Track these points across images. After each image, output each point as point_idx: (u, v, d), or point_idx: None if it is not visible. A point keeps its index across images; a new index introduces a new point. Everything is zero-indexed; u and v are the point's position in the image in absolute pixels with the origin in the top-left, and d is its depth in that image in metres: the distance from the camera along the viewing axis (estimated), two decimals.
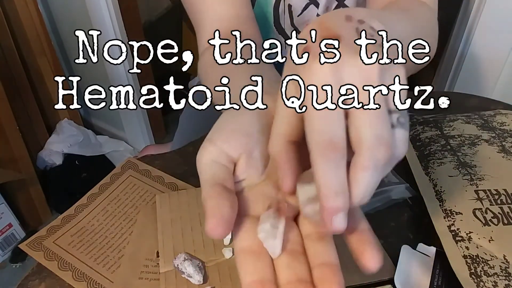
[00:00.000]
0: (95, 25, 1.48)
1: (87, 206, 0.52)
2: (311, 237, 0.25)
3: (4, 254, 1.41)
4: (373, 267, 0.22)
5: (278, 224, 0.24)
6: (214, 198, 0.24)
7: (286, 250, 0.24)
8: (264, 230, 0.24)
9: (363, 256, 0.23)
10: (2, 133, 1.33)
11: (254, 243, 0.24)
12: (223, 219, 0.23)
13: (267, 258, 0.24)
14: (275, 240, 0.24)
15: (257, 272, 0.23)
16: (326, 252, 0.24)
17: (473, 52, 1.12)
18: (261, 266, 0.24)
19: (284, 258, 0.24)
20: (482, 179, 0.47)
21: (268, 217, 0.25)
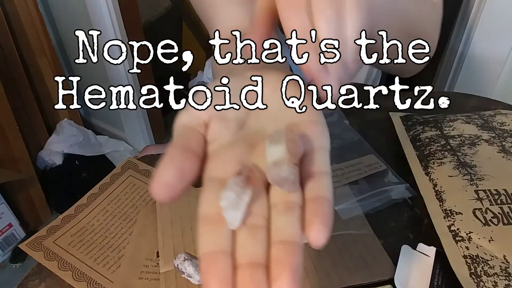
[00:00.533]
0: (95, 25, 1.48)
1: (87, 206, 0.52)
2: (277, 208, 0.24)
3: (4, 254, 1.41)
4: (316, 243, 0.21)
5: (243, 195, 0.23)
6: (164, 161, 0.23)
7: (246, 225, 0.23)
8: (227, 199, 0.22)
9: (310, 229, 0.22)
10: (2, 133, 1.33)
11: (215, 211, 0.23)
12: (166, 183, 0.22)
13: (226, 228, 0.23)
14: (236, 212, 0.22)
15: (213, 244, 0.22)
16: (288, 228, 0.22)
17: (473, 52, 1.12)
18: (216, 237, 0.22)
19: (242, 233, 0.23)
20: (482, 179, 0.47)
21: (235, 184, 0.23)
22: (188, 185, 0.23)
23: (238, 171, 0.24)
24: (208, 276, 0.21)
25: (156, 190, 0.22)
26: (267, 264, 0.21)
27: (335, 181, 0.51)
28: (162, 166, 0.23)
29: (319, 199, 0.23)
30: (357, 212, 0.48)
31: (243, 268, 0.21)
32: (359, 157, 0.54)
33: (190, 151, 0.24)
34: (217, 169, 0.25)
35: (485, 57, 1.11)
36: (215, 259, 0.21)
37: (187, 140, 0.25)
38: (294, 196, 0.24)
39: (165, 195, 0.22)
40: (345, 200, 0.49)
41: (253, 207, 0.23)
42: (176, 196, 0.23)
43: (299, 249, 0.22)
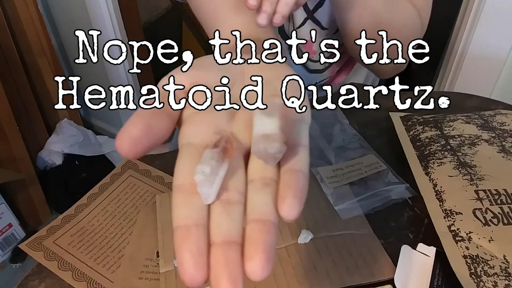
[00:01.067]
0: (95, 25, 1.48)
1: (87, 206, 0.52)
2: (254, 184, 0.23)
3: (4, 254, 1.41)
4: (287, 217, 0.21)
5: (219, 169, 0.22)
6: (132, 117, 0.23)
7: (221, 200, 0.22)
8: (202, 173, 0.21)
9: (282, 202, 0.21)
10: (2, 133, 1.33)
11: (189, 182, 0.22)
12: (130, 137, 0.22)
13: (201, 200, 0.22)
14: (211, 187, 0.22)
15: (187, 216, 0.21)
16: (264, 206, 0.22)
17: (473, 52, 1.12)
18: (191, 210, 0.22)
19: (216, 209, 0.22)
20: (482, 179, 0.47)
21: (211, 158, 0.22)
22: (155, 143, 0.23)
23: (215, 143, 0.23)
24: (182, 250, 0.20)
25: (120, 143, 0.22)
26: (242, 241, 0.21)
27: (335, 181, 0.51)
28: (129, 120, 0.22)
29: (294, 171, 0.23)
30: (357, 212, 0.48)
31: (217, 246, 0.21)
32: (359, 157, 0.54)
33: (161, 110, 0.24)
34: (193, 134, 0.25)
35: (485, 57, 1.11)
36: (189, 233, 0.21)
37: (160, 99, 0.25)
38: (272, 171, 0.23)
39: (130, 149, 0.22)
40: (345, 200, 0.49)
41: (229, 181, 0.23)
42: (140, 151, 0.22)
43: (274, 228, 0.21)
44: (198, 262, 0.20)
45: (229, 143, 0.23)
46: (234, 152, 0.23)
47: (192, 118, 0.26)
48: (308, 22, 0.62)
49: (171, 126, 0.24)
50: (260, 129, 0.23)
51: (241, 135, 0.25)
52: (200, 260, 0.20)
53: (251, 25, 0.50)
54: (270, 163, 0.23)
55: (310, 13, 0.61)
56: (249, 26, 0.50)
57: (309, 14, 0.61)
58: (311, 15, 0.61)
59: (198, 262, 0.20)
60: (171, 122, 0.24)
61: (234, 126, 0.26)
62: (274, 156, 0.22)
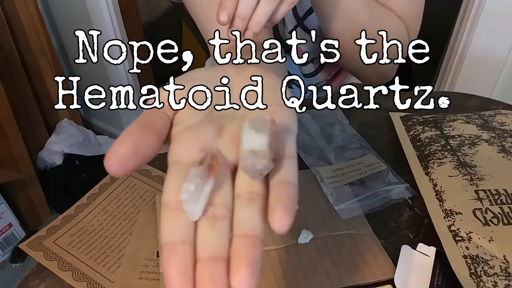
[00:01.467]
0: (95, 25, 1.48)
1: (87, 206, 0.52)
2: (240, 198, 0.23)
3: (4, 254, 1.41)
4: (279, 230, 0.21)
5: (204, 186, 0.22)
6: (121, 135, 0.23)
7: (208, 216, 0.22)
8: (188, 191, 0.22)
9: (273, 214, 0.21)
10: (2, 133, 1.33)
11: (176, 199, 0.22)
12: (119, 155, 0.22)
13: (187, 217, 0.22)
14: (196, 205, 0.22)
15: (174, 233, 0.22)
16: (249, 220, 0.22)
17: (473, 52, 1.12)
18: (178, 227, 0.22)
19: (203, 225, 0.22)
20: (482, 179, 0.47)
21: (196, 175, 0.22)
22: (143, 161, 0.23)
23: (200, 160, 0.23)
24: (168, 266, 0.20)
25: (108, 162, 0.22)
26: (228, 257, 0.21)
27: (335, 181, 0.51)
28: (118, 139, 0.23)
29: (282, 184, 0.23)
30: (357, 212, 0.48)
31: (202, 262, 0.21)
32: (359, 157, 0.54)
33: (149, 128, 0.24)
34: (180, 152, 0.25)
35: (485, 57, 1.11)
36: (176, 250, 0.21)
37: (150, 118, 0.25)
38: (258, 186, 0.23)
39: (118, 168, 0.22)
40: (345, 200, 0.49)
41: (216, 197, 0.23)
42: (128, 170, 0.22)
43: (259, 243, 0.21)
44: (184, 278, 0.20)
45: (214, 159, 0.23)
46: (220, 168, 0.23)
47: (180, 136, 0.26)
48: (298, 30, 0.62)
49: (160, 145, 0.24)
50: (249, 144, 0.23)
51: (227, 150, 0.25)
52: (186, 277, 0.20)
53: None
54: (256, 179, 0.23)
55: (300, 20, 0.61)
56: None
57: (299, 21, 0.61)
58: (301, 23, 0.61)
59: (184, 278, 0.20)
60: (160, 141, 0.24)
61: (221, 142, 0.26)
62: (261, 172, 0.23)
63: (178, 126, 0.26)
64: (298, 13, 0.60)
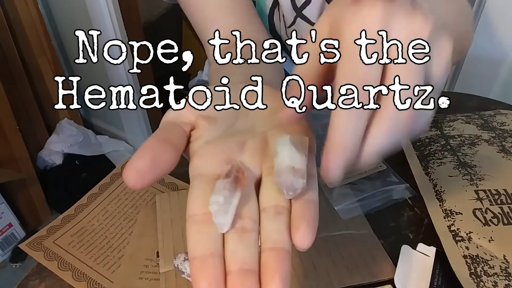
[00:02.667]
0: (95, 25, 1.48)
1: (87, 206, 0.52)
2: (267, 212, 0.24)
3: (4, 254, 1.41)
4: (302, 247, 0.22)
5: (232, 198, 0.22)
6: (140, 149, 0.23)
7: (236, 228, 0.23)
8: (217, 203, 0.22)
9: (296, 232, 0.22)
10: (2, 133, 1.33)
11: (203, 211, 0.23)
12: (137, 169, 0.22)
13: (215, 230, 0.22)
14: (226, 216, 0.22)
15: (203, 246, 0.22)
16: (278, 234, 0.22)
17: (473, 52, 1.12)
18: (206, 240, 0.22)
19: (232, 238, 0.22)
20: (482, 179, 0.47)
21: (224, 188, 0.23)
22: (161, 175, 0.23)
23: (227, 173, 0.23)
24: (199, 280, 0.21)
25: (127, 175, 0.22)
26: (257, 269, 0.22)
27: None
28: (137, 153, 0.23)
29: (306, 201, 0.23)
30: (357, 212, 0.48)
31: (233, 275, 0.21)
32: None
33: (168, 142, 0.25)
34: (204, 166, 0.25)
35: (485, 57, 1.11)
36: (206, 263, 0.21)
37: (167, 132, 0.26)
38: (283, 200, 0.24)
39: (136, 181, 0.22)
40: (345, 200, 0.49)
41: (242, 209, 0.23)
42: (146, 183, 0.23)
43: (288, 256, 0.22)
44: None
45: (240, 172, 0.24)
46: (245, 179, 0.24)
47: (201, 150, 0.26)
48: (298, 20, 0.62)
49: (176, 159, 0.25)
50: (290, 161, 0.23)
51: (250, 164, 0.26)
52: None
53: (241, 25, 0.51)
54: (289, 195, 0.24)
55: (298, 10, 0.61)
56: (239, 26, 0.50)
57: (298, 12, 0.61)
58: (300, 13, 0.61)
59: None
60: (177, 155, 0.25)
61: (244, 156, 0.26)
62: (296, 191, 0.23)
63: (198, 141, 0.27)
64: (296, 3, 0.60)
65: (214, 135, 0.27)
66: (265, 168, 0.26)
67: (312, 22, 0.62)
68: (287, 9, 0.61)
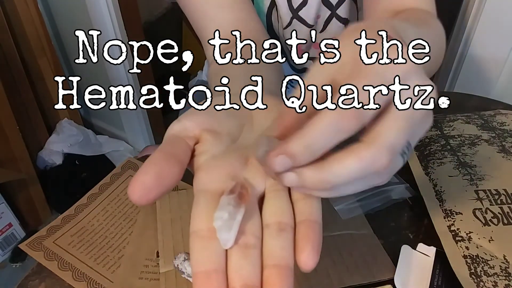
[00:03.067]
0: (95, 25, 1.48)
1: (87, 206, 0.52)
2: (270, 229, 0.24)
3: (4, 254, 1.41)
4: (306, 268, 0.22)
5: (236, 214, 0.22)
6: (145, 164, 0.23)
7: (239, 244, 0.23)
8: (221, 219, 0.22)
9: (301, 253, 0.22)
10: (2, 133, 1.33)
11: (207, 227, 0.23)
12: (143, 185, 0.22)
13: (219, 246, 0.23)
14: (230, 232, 0.22)
15: (206, 262, 0.22)
16: (281, 251, 0.23)
17: (473, 52, 1.12)
18: (210, 256, 0.22)
19: (235, 254, 0.23)
20: (482, 179, 0.47)
21: (228, 204, 0.23)
22: (166, 190, 0.23)
23: (231, 189, 0.24)
24: None
25: (132, 190, 0.22)
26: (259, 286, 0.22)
27: None
28: (142, 168, 0.23)
29: (310, 222, 0.24)
30: (357, 212, 0.48)
31: None
32: None
33: (173, 157, 0.25)
34: (208, 181, 0.26)
35: (485, 57, 1.11)
36: (210, 278, 0.21)
37: (172, 147, 0.26)
38: (287, 216, 0.24)
39: (141, 196, 0.22)
40: (345, 200, 0.49)
41: (246, 226, 0.24)
42: (151, 199, 0.23)
43: (291, 273, 0.22)
44: None
45: (244, 188, 0.24)
46: (249, 196, 0.24)
47: (206, 165, 0.26)
48: (294, 21, 0.62)
49: (181, 174, 0.25)
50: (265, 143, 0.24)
51: (253, 180, 0.26)
52: None
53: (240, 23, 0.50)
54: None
55: (295, 12, 0.61)
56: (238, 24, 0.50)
57: (294, 13, 0.61)
58: (296, 14, 0.61)
59: None
60: (182, 170, 0.25)
61: (247, 172, 0.26)
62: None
63: (203, 156, 0.27)
64: (293, 4, 0.60)
65: (219, 150, 0.27)
66: (268, 184, 0.26)
67: (308, 23, 0.62)
68: (284, 9, 0.61)
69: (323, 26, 0.64)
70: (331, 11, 0.62)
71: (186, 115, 0.28)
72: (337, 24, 0.63)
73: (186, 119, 0.27)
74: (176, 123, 0.27)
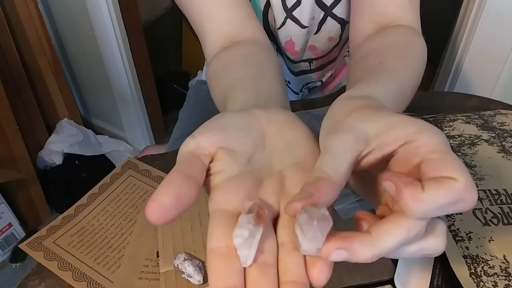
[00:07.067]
0: (95, 25, 1.48)
1: (87, 206, 0.52)
2: (285, 247, 0.25)
3: (4, 254, 1.41)
4: (317, 284, 0.22)
5: (255, 233, 0.23)
6: (163, 184, 0.24)
7: (258, 262, 0.23)
8: (241, 236, 0.23)
9: (314, 268, 0.23)
10: (2, 133, 1.33)
11: (225, 245, 0.24)
12: (162, 206, 0.23)
13: (238, 263, 0.23)
14: (250, 250, 0.23)
15: (225, 279, 0.22)
16: (296, 268, 0.23)
17: (473, 52, 1.12)
18: (230, 272, 0.23)
19: (254, 271, 0.23)
20: (482, 179, 0.47)
21: (248, 222, 0.23)
22: (183, 210, 0.24)
23: (249, 208, 0.24)
24: None
25: (151, 211, 0.22)
26: None
27: None
28: (161, 188, 0.23)
29: None
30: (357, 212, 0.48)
31: None
32: None
33: (190, 178, 0.25)
34: (225, 201, 0.26)
35: (485, 57, 1.11)
36: None
37: (189, 167, 0.26)
38: None
39: (159, 218, 0.23)
40: (345, 200, 0.49)
41: (264, 245, 0.24)
42: (169, 219, 0.23)
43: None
44: None
45: (261, 209, 0.24)
46: (265, 216, 0.24)
47: (222, 185, 0.27)
48: (288, 21, 0.62)
49: (198, 193, 0.25)
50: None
51: (268, 200, 0.27)
52: None
53: (237, 22, 0.50)
54: None
55: (289, 11, 0.61)
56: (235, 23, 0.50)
57: (288, 13, 0.61)
58: (290, 14, 0.61)
59: None
60: (198, 190, 0.25)
61: (262, 193, 0.27)
62: None
63: (219, 175, 0.27)
64: (287, 4, 0.60)
65: (235, 171, 0.27)
66: (282, 206, 0.26)
67: (301, 23, 0.62)
68: (278, 9, 0.61)
69: (317, 28, 0.64)
70: (325, 12, 0.62)
71: (200, 132, 0.28)
72: (332, 23, 0.63)
73: (200, 136, 0.27)
74: (190, 140, 0.27)
